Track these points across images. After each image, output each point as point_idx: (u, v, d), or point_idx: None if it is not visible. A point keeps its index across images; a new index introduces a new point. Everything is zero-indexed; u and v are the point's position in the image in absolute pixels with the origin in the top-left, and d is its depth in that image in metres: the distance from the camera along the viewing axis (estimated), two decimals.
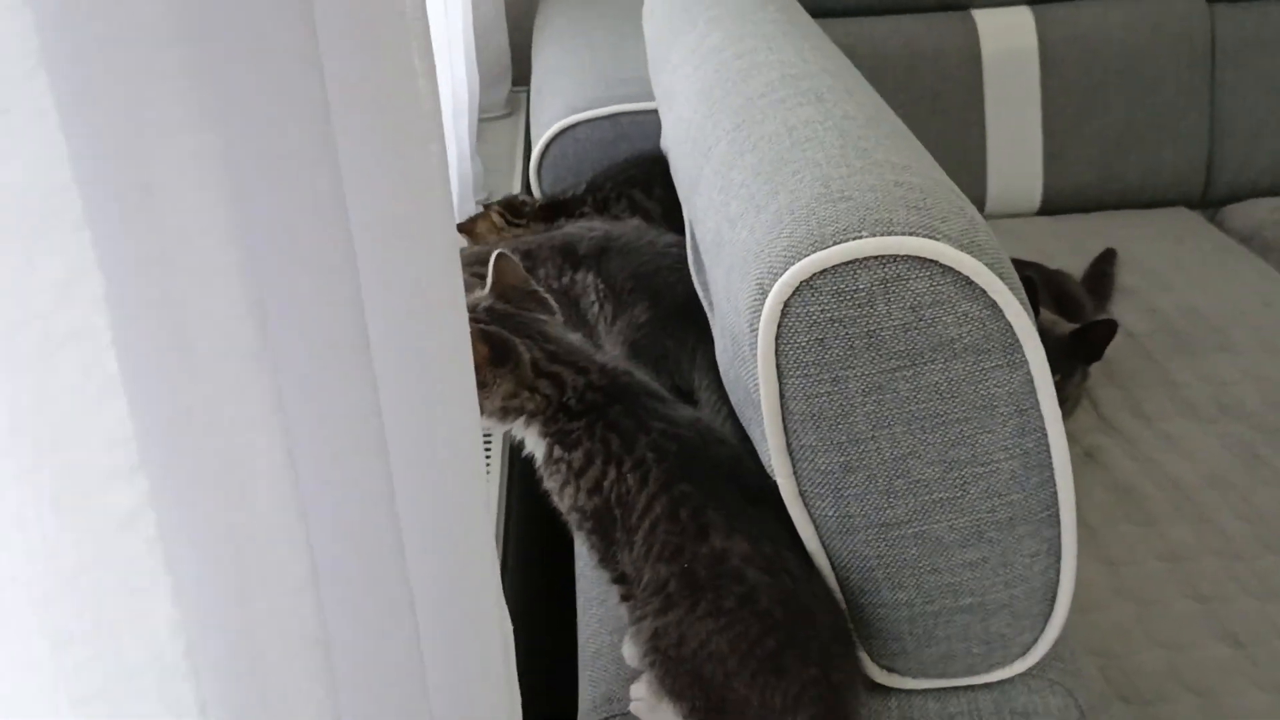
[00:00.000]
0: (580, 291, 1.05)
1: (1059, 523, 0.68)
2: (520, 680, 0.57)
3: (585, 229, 1.11)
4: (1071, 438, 1.52)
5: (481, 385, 0.77)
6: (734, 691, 0.70)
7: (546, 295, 0.84)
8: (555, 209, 1.28)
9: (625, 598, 0.76)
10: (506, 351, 0.77)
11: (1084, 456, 1.44)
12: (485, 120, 1.83)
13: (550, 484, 0.80)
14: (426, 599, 0.46)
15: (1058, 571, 0.70)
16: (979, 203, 2.06)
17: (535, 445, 0.80)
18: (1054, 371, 1.38)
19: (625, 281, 1.03)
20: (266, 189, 0.38)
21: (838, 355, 0.62)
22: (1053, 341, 1.36)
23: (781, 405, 0.65)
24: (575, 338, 0.83)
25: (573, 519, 0.79)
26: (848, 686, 0.71)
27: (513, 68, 1.92)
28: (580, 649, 0.83)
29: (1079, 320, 1.53)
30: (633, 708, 0.74)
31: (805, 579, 0.72)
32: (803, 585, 0.72)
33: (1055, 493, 0.67)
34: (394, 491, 0.45)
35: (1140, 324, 1.69)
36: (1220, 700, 1.07)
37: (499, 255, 0.83)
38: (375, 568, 0.45)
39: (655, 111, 1.24)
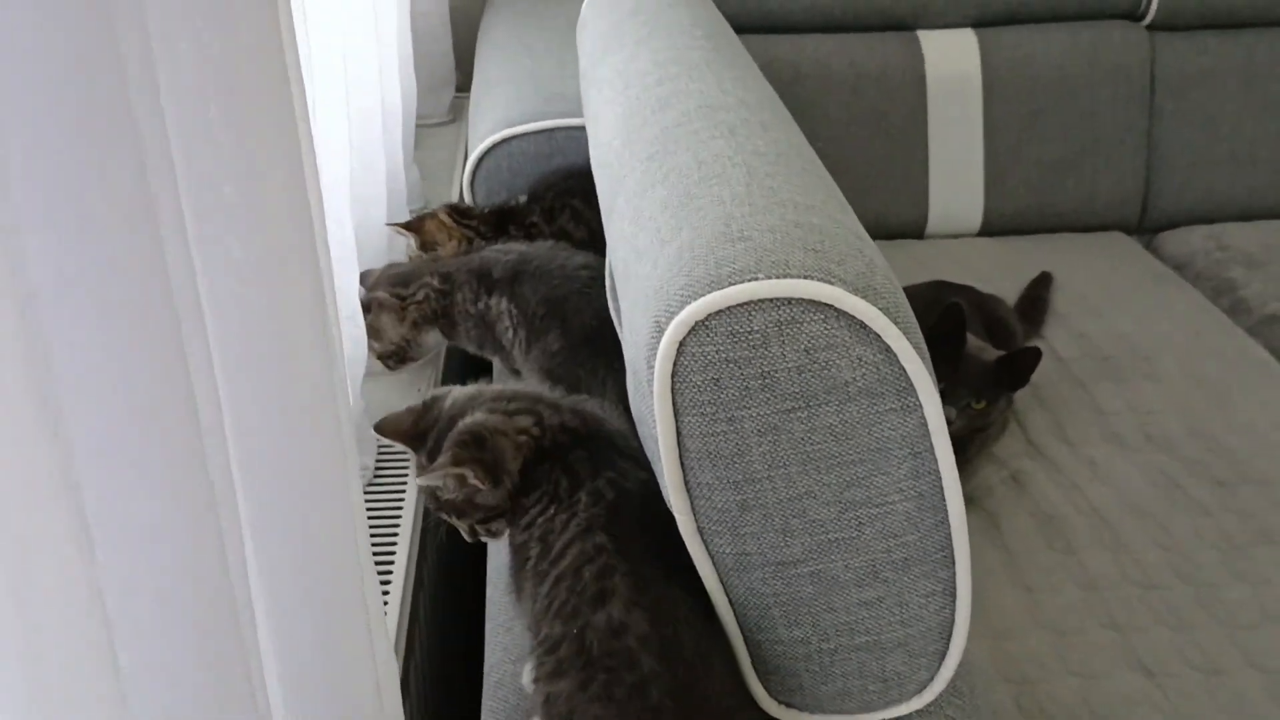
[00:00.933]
0: (495, 317, 1.05)
1: (954, 563, 0.69)
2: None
3: (501, 252, 1.11)
4: (998, 462, 1.54)
5: (497, 481, 0.78)
6: None
7: None
8: (504, 216, 1.27)
9: (529, 637, 0.76)
10: (476, 436, 0.77)
11: (1009, 481, 1.45)
12: (427, 126, 1.82)
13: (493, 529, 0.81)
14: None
15: (953, 611, 0.71)
16: (920, 223, 2.08)
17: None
18: (979, 398, 1.39)
19: (537, 307, 1.03)
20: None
21: (733, 395, 0.62)
22: (979, 367, 1.37)
23: (678, 443, 0.65)
24: (530, 387, 0.85)
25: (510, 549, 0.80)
26: None
27: (458, 73, 1.91)
28: (485, 676, 0.83)
29: (1009, 346, 1.55)
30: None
31: (702, 671, 0.71)
32: (697, 679, 0.70)
33: (949, 534, 0.68)
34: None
35: (1070, 349, 1.71)
36: None
37: (376, 427, 0.83)
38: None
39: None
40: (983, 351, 1.39)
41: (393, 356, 1.15)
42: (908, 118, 2.03)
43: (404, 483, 1.06)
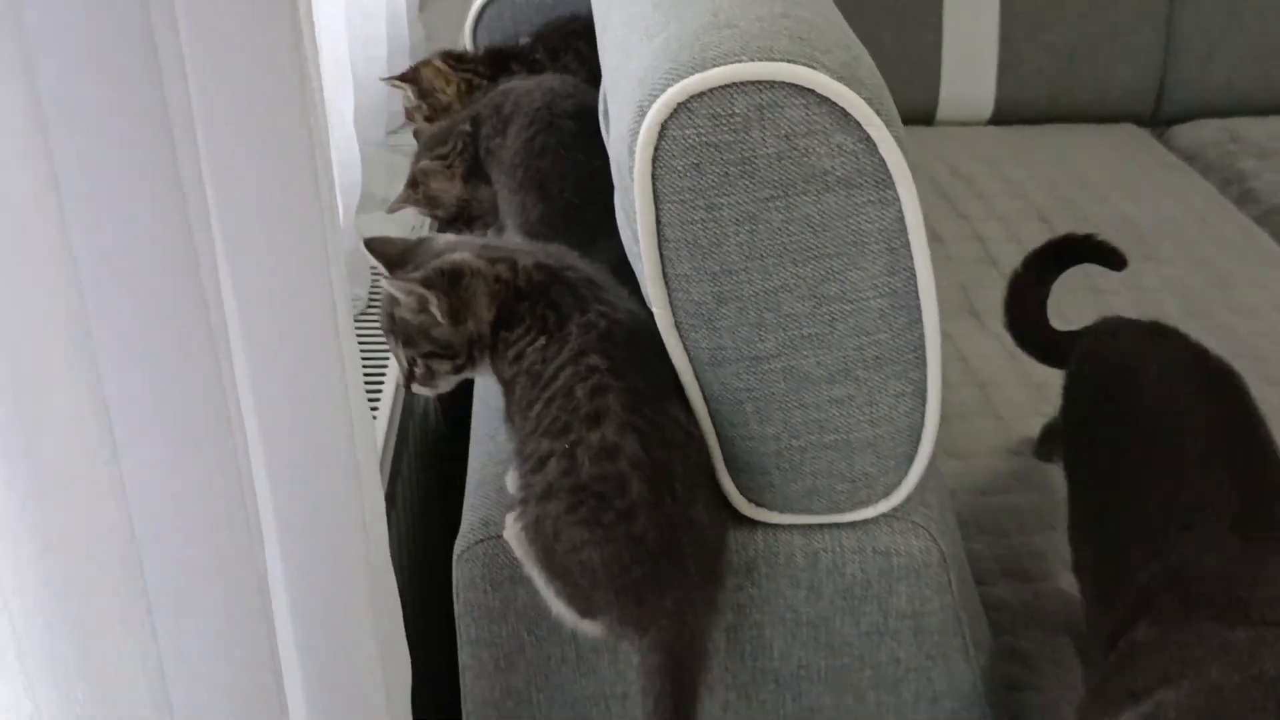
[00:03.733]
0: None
1: (925, 365, 0.70)
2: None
3: (507, 89, 1.09)
4: (993, 335, 1.54)
5: (456, 317, 0.77)
6: (598, 597, 0.72)
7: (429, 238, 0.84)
8: (504, 56, 1.26)
9: (517, 460, 0.76)
10: (453, 270, 0.77)
11: (1006, 354, 1.46)
12: None
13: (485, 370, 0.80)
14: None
15: (923, 414, 0.72)
16: (930, 109, 2.06)
17: (487, 363, 0.80)
18: None
19: (515, 157, 1.02)
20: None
21: (713, 182, 0.63)
22: None
23: (658, 232, 0.66)
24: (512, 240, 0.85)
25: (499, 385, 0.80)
26: (701, 619, 0.73)
27: None
28: (468, 480, 0.85)
29: None
30: (506, 534, 0.76)
31: (687, 494, 0.72)
32: (683, 505, 0.72)
33: (922, 335, 0.69)
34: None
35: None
36: None
37: (366, 244, 0.82)
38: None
39: None
40: None
41: (459, 220, 1.14)
42: (922, 1, 2.00)
43: None
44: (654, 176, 0.64)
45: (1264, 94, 2.07)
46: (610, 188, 0.85)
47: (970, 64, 2.04)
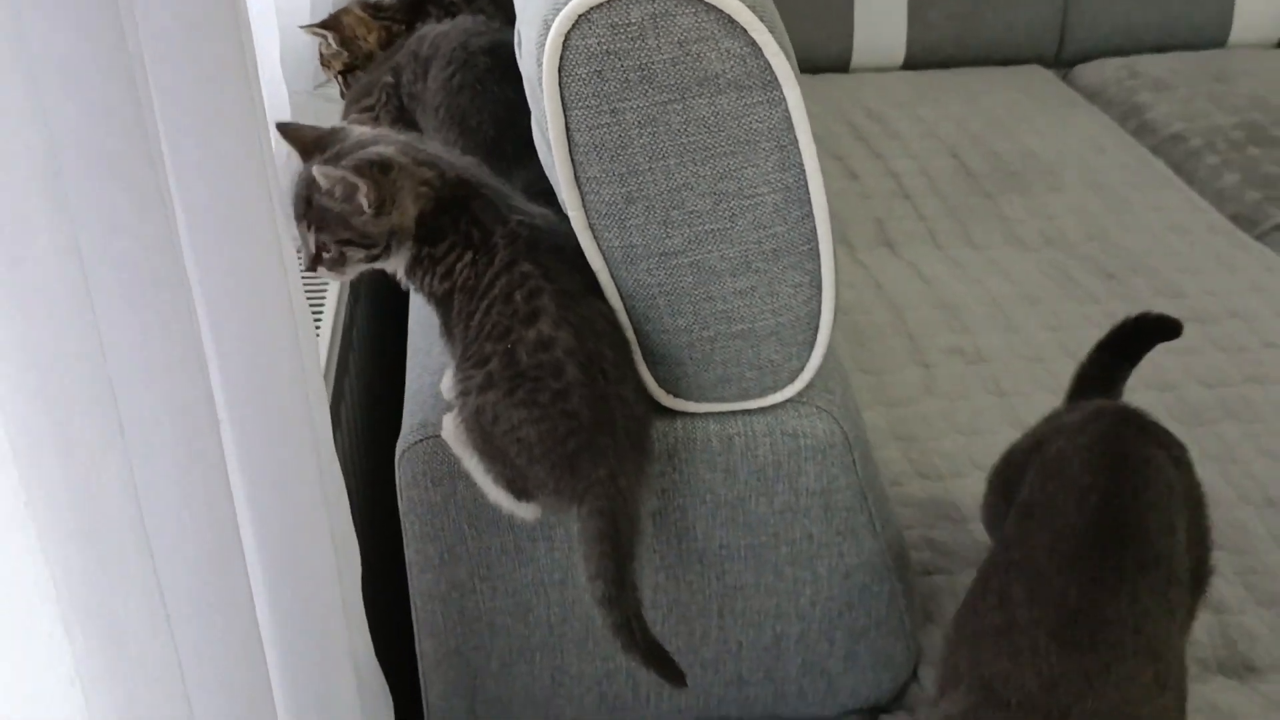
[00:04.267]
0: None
1: (819, 257, 0.77)
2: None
3: (423, 34, 1.13)
4: (906, 262, 1.62)
5: (381, 208, 0.79)
6: (535, 474, 0.78)
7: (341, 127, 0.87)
8: (420, 2, 1.29)
9: (455, 365, 0.82)
10: (384, 162, 0.79)
11: (918, 279, 1.54)
12: None
13: (410, 282, 0.83)
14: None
15: (819, 302, 0.79)
16: (845, 55, 2.13)
17: (404, 257, 0.82)
18: None
19: (435, 97, 1.06)
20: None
21: (614, 88, 0.69)
22: None
23: (568, 138, 0.72)
24: (433, 145, 0.87)
25: (425, 298, 0.84)
26: (632, 486, 0.79)
27: None
28: (407, 385, 0.90)
29: None
30: (444, 433, 0.82)
31: (617, 375, 0.79)
32: (613, 385, 0.78)
33: (815, 228, 0.76)
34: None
35: (980, 165, 1.80)
36: None
37: (279, 127, 0.84)
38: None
39: None
40: None
41: None
42: None
43: None
44: (561, 85, 0.70)
45: (1160, 31, 2.17)
46: (525, 119, 0.90)
47: (881, 12, 2.11)
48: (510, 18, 1.13)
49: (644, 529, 0.80)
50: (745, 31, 0.69)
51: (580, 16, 0.68)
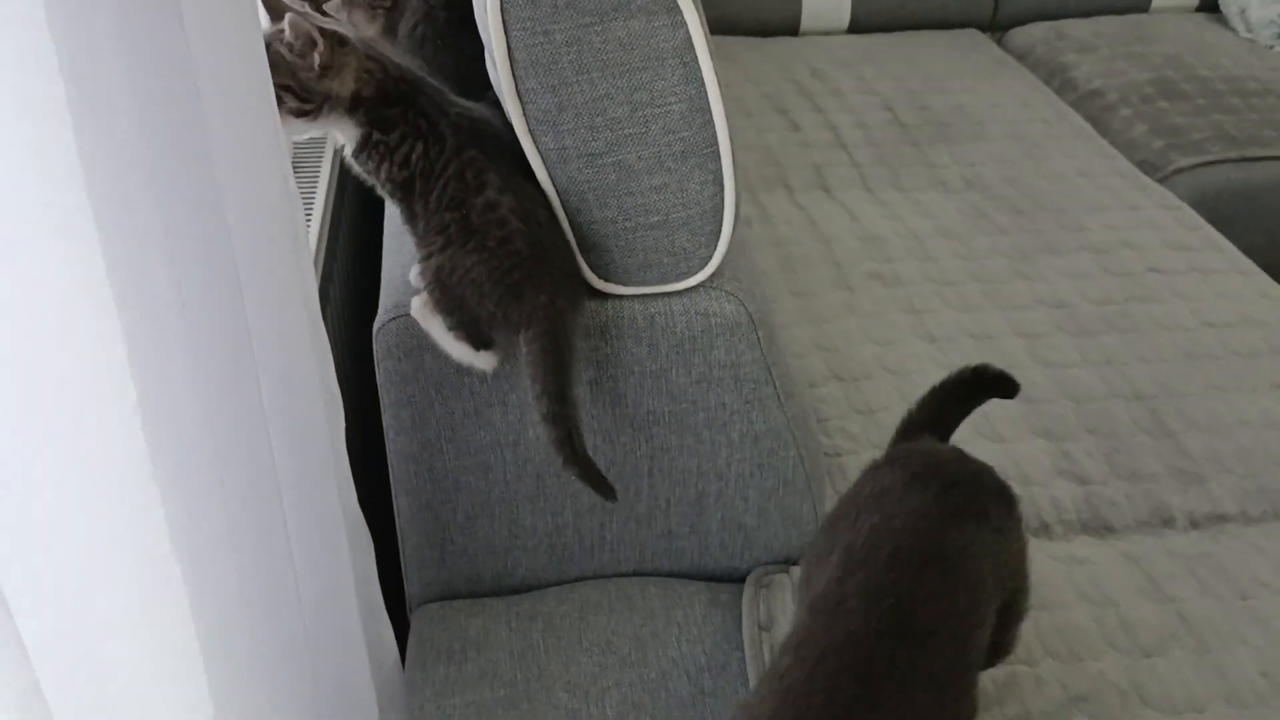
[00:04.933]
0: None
1: (720, 157, 0.93)
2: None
3: None
4: (839, 204, 1.78)
5: (326, 72, 0.92)
6: (485, 309, 0.94)
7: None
8: None
9: (418, 243, 0.98)
10: (341, 37, 0.94)
11: (848, 217, 1.71)
12: None
13: (367, 165, 0.98)
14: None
15: (723, 198, 0.95)
16: (794, 20, 2.29)
17: (352, 135, 0.99)
18: None
19: (403, 42, 1.19)
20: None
21: (545, 13, 0.85)
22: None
23: (509, 55, 0.87)
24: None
25: (385, 189, 0.99)
26: (568, 311, 0.94)
27: None
28: (382, 277, 1.06)
29: None
30: (412, 311, 0.98)
31: (551, 229, 0.96)
32: (548, 234, 0.95)
33: (715, 133, 0.92)
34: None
35: (913, 118, 1.96)
36: (910, 378, 1.36)
37: None
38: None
39: None
40: None
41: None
42: None
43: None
44: (503, 11, 0.86)
45: None
46: (482, 68, 1.05)
47: None
48: None
49: (579, 352, 0.95)
50: None
51: None
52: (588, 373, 1.01)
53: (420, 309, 0.97)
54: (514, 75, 0.88)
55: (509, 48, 0.87)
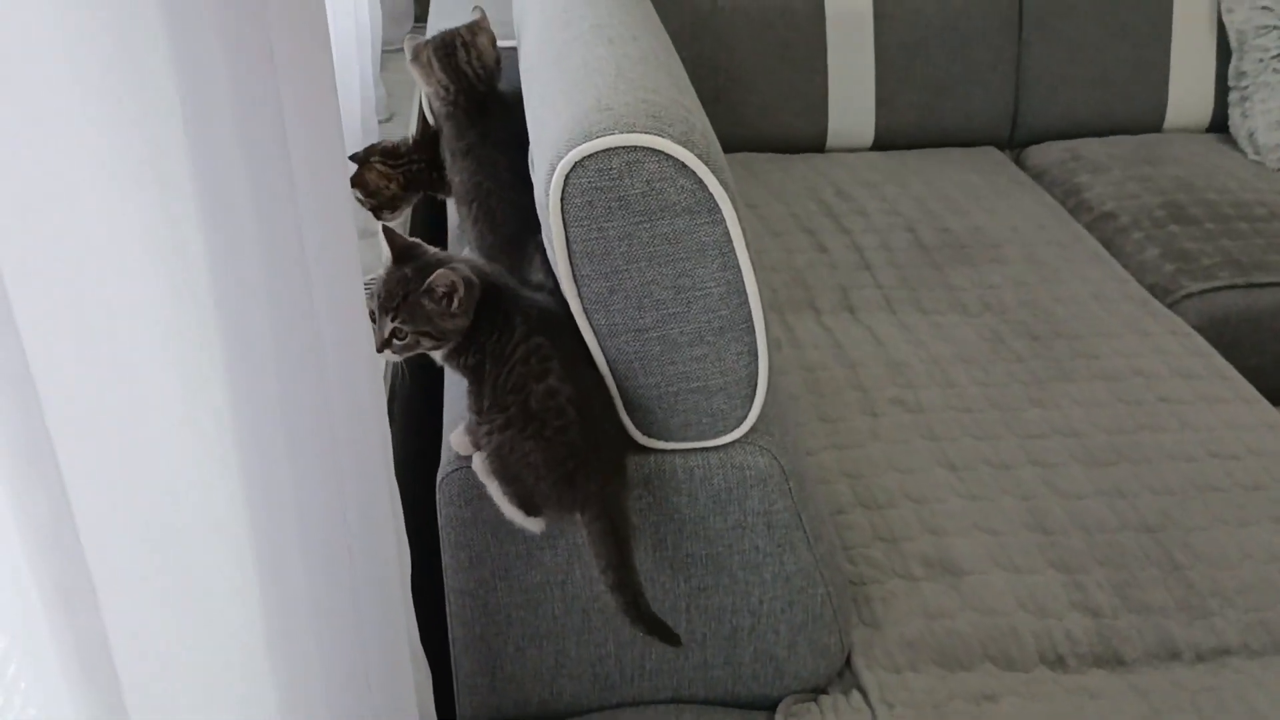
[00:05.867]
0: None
1: (754, 332, 1.03)
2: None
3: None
4: (864, 326, 1.88)
5: (460, 314, 1.03)
6: (540, 490, 1.04)
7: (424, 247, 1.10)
8: (434, 139, 1.52)
9: (479, 416, 1.07)
10: (470, 281, 1.03)
11: (873, 340, 1.80)
12: (390, 51, 2.13)
13: (449, 361, 1.08)
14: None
15: (757, 366, 1.05)
16: (820, 138, 2.41)
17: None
18: None
19: (469, 193, 1.31)
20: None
21: (601, 212, 0.96)
22: None
23: (568, 246, 0.98)
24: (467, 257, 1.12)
25: (455, 368, 1.08)
26: (620, 492, 1.05)
27: (415, 6, 2.24)
28: (444, 428, 1.16)
29: None
30: (474, 465, 1.08)
31: (604, 418, 1.05)
32: (601, 424, 1.04)
33: (750, 311, 1.02)
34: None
35: (933, 240, 2.06)
36: (930, 506, 1.44)
37: (384, 230, 1.08)
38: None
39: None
40: None
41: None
42: (809, 48, 2.35)
43: None
44: (563, 210, 0.96)
45: (1101, 118, 2.45)
46: (537, 221, 1.16)
47: (853, 100, 2.39)
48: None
49: (635, 527, 1.05)
50: (694, 172, 0.95)
51: (576, 163, 0.94)
52: (635, 499, 1.10)
53: (481, 464, 1.07)
54: (571, 263, 0.99)
55: (567, 240, 0.98)
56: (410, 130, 1.81)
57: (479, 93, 1.36)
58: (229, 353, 0.61)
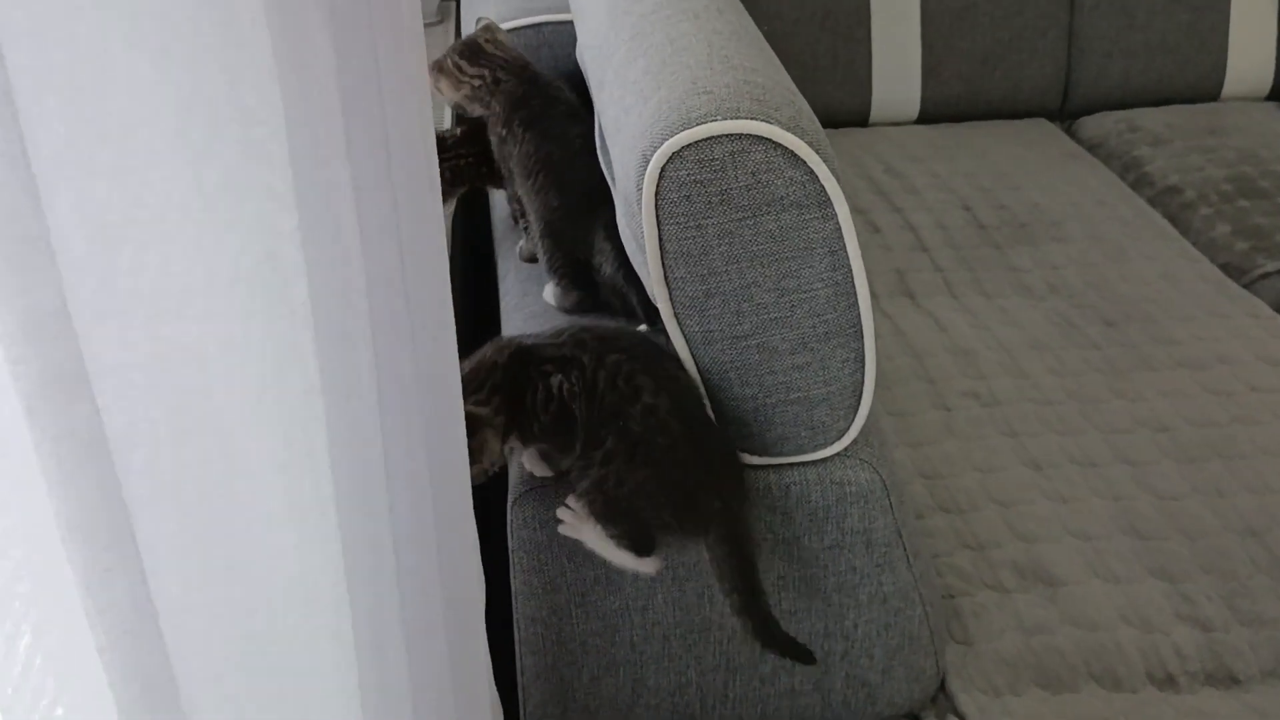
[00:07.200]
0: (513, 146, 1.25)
1: (863, 337, 0.93)
2: None
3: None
4: (925, 312, 1.78)
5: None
6: (661, 519, 0.94)
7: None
8: (479, 128, 1.43)
9: (577, 466, 0.96)
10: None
11: (936, 327, 1.70)
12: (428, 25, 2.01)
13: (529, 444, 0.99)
14: None
15: (863, 375, 0.95)
16: (864, 111, 2.30)
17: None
18: None
19: (536, 164, 1.23)
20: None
21: (700, 208, 0.86)
22: None
23: (660, 246, 0.88)
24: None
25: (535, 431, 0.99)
26: (743, 511, 0.95)
27: None
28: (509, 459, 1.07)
29: None
30: (562, 529, 0.98)
31: (710, 428, 0.95)
32: (708, 434, 0.94)
33: (859, 315, 0.92)
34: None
35: (991, 218, 1.96)
36: (1017, 509, 1.35)
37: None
38: None
39: (571, 22, 1.44)
40: None
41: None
42: (852, 16, 2.24)
43: None
44: (657, 206, 0.86)
45: (1157, 86, 2.33)
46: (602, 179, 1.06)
47: (897, 70, 2.28)
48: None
49: (759, 545, 0.96)
50: (804, 162, 0.85)
51: (674, 153, 0.84)
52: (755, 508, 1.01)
53: (571, 516, 0.97)
54: (663, 264, 0.89)
55: (660, 239, 0.87)
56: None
57: (518, 69, 1.30)
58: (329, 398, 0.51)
